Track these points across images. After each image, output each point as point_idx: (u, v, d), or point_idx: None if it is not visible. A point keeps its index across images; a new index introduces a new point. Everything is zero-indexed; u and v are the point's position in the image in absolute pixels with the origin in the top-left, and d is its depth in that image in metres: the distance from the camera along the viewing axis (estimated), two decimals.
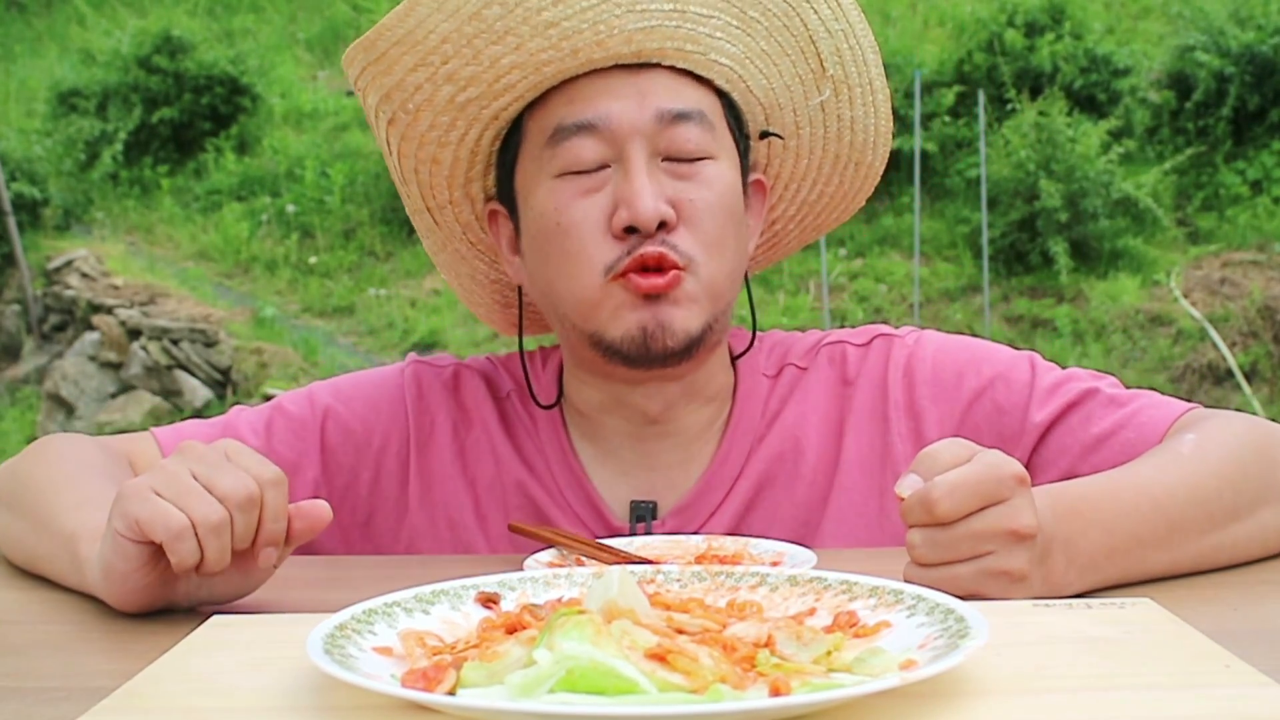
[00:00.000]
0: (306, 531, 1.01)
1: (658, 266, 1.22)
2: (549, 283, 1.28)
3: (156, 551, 0.97)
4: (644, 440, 1.35)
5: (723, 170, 1.26)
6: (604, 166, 1.24)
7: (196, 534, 0.95)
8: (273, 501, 0.98)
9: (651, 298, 1.23)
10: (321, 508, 1.02)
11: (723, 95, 1.29)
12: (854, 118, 1.34)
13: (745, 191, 1.32)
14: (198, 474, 0.98)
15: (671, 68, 1.25)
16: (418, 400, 1.39)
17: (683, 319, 1.24)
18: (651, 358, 1.25)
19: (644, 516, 1.33)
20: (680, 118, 1.24)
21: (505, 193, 1.33)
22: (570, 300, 1.26)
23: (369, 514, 1.38)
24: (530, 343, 1.45)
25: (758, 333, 1.41)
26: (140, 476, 0.99)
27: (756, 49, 1.27)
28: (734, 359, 1.38)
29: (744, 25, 1.26)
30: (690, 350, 1.26)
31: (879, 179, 1.40)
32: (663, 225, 1.22)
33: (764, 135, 1.34)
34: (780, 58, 1.29)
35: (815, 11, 1.28)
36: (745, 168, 1.32)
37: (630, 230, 1.22)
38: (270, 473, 0.99)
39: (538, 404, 1.38)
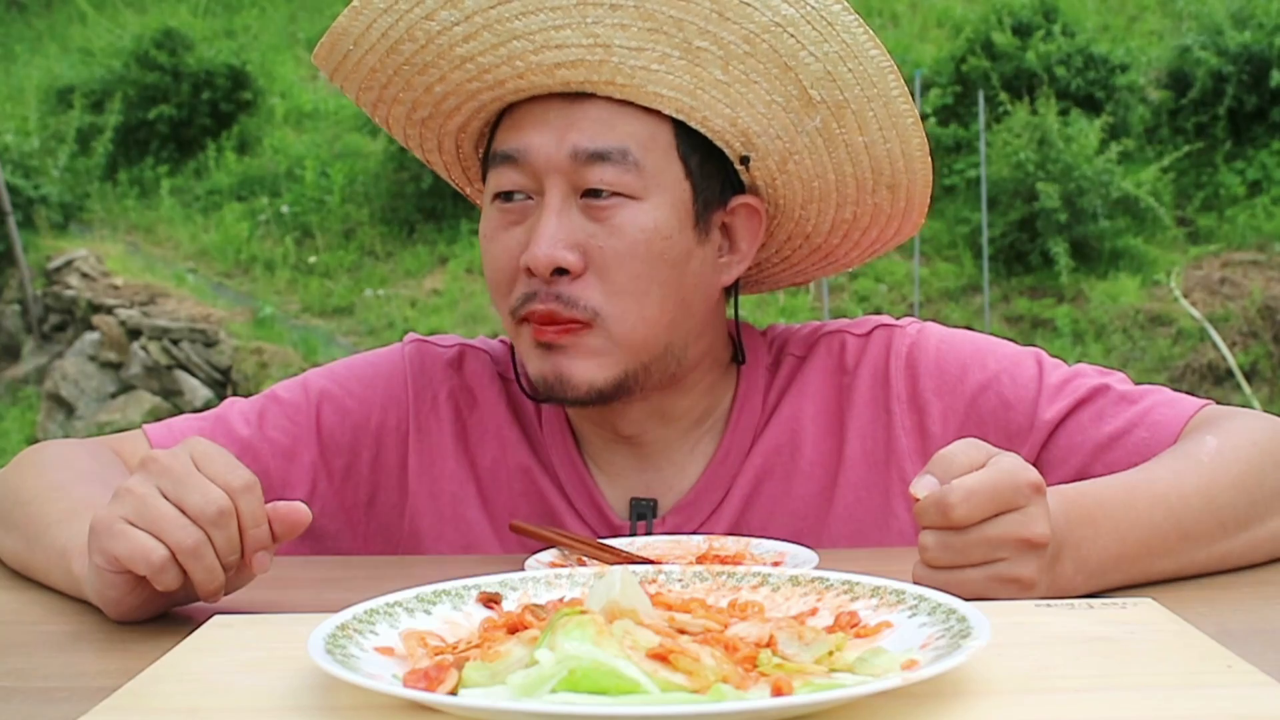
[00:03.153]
0: (285, 534, 0.99)
1: (550, 321, 1.20)
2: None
3: (142, 577, 0.95)
4: (622, 446, 1.34)
5: (643, 212, 1.20)
6: (530, 196, 1.22)
7: (177, 560, 0.94)
8: (248, 508, 0.96)
9: (549, 346, 1.21)
10: (299, 510, 0.99)
11: (680, 124, 1.22)
12: (867, 142, 1.25)
13: (703, 223, 1.25)
14: (167, 492, 0.95)
15: (609, 98, 1.21)
16: (417, 377, 1.38)
17: (585, 372, 1.22)
18: (560, 403, 1.25)
19: (644, 514, 1.32)
20: (596, 157, 1.19)
21: None
22: (502, 322, 1.28)
23: (372, 493, 1.37)
24: None
25: (759, 328, 1.40)
26: (109, 504, 0.97)
27: (710, 79, 1.19)
28: (739, 364, 1.36)
29: (690, 56, 1.18)
30: (604, 400, 1.24)
31: (928, 199, 1.31)
32: (565, 272, 1.19)
33: (743, 161, 1.26)
34: (745, 86, 1.20)
35: (793, 37, 1.18)
36: (707, 199, 1.25)
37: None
38: (240, 479, 0.96)
39: (528, 395, 1.37)
